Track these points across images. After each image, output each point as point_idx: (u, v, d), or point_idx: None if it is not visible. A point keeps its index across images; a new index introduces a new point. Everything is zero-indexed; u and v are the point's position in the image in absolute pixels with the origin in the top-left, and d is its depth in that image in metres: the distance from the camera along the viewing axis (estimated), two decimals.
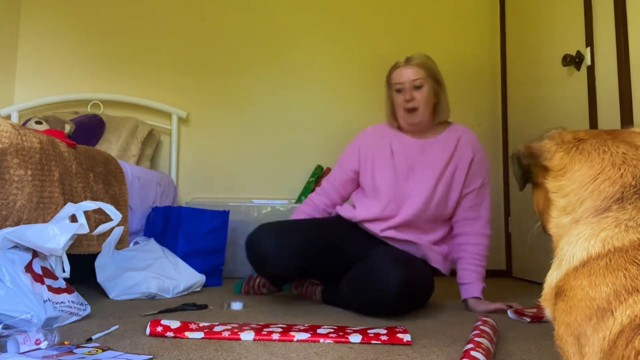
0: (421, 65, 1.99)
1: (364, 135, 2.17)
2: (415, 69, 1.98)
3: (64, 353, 1.20)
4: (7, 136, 1.67)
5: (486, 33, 3.43)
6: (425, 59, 2.03)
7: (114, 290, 2.11)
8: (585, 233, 0.79)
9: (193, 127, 3.43)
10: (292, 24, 3.47)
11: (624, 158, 0.83)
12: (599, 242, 0.77)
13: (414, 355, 1.28)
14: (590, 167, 0.84)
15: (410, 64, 2.00)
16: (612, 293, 0.71)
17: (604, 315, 0.71)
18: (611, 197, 0.80)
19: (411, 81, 1.98)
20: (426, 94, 1.99)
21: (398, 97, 2.01)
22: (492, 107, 3.40)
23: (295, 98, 3.42)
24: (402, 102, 1.99)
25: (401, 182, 2.01)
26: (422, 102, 1.98)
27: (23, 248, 1.52)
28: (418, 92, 1.98)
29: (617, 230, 0.76)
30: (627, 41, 1.98)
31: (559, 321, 0.78)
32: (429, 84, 1.99)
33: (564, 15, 2.49)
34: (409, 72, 1.99)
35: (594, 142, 0.87)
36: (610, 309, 0.70)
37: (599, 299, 0.72)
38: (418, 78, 1.98)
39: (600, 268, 0.74)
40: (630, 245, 0.73)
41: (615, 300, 0.70)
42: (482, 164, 2.05)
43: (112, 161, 2.39)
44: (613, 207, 0.79)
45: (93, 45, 3.44)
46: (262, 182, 3.36)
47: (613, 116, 2.04)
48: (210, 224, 2.67)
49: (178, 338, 1.41)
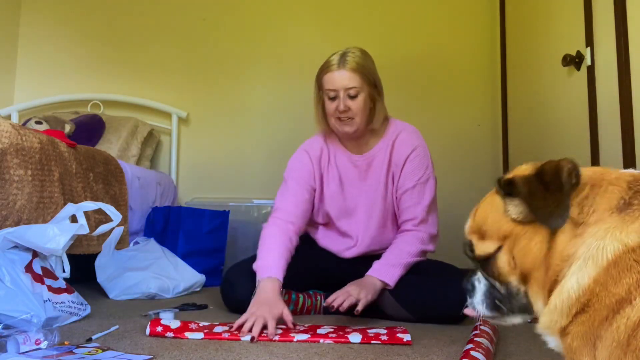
0: (357, 70, 1.75)
1: (311, 150, 1.93)
2: (350, 75, 1.74)
3: (64, 353, 1.20)
4: (7, 136, 1.67)
5: (486, 33, 3.43)
6: (361, 59, 1.78)
7: (114, 290, 2.11)
8: (610, 225, 0.74)
9: (193, 127, 3.43)
10: (292, 24, 3.47)
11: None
12: (632, 233, 0.71)
13: (414, 356, 1.28)
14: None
15: (344, 68, 1.75)
16: (634, 283, 0.68)
17: (622, 306, 0.68)
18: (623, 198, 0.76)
19: (345, 89, 1.75)
20: (362, 104, 1.77)
21: (330, 104, 1.79)
22: (492, 107, 3.40)
23: (295, 98, 3.42)
24: (334, 111, 1.79)
25: (350, 214, 1.91)
26: (357, 112, 1.77)
27: (23, 248, 1.52)
28: (353, 101, 1.76)
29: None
30: (627, 41, 1.98)
31: (573, 335, 0.73)
32: (365, 91, 1.78)
33: (564, 15, 2.49)
34: (343, 78, 1.75)
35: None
36: (630, 298, 0.68)
37: (620, 292, 0.69)
38: (353, 87, 1.75)
39: (632, 261, 0.70)
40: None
41: (636, 289, 0.67)
42: (417, 161, 1.85)
43: (112, 161, 2.39)
44: (634, 202, 0.75)
45: (93, 45, 3.44)
46: (262, 182, 3.35)
47: (613, 116, 2.04)
48: (210, 224, 2.67)
49: (178, 338, 1.41)
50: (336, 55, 1.80)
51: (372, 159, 1.89)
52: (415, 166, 1.85)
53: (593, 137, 2.20)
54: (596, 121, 2.19)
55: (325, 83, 1.79)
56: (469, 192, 3.27)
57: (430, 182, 1.86)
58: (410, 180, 1.84)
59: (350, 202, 1.91)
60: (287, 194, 1.87)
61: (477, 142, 3.38)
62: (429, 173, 1.87)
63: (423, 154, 1.87)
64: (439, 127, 3.28)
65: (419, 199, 1.84)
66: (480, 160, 3.37)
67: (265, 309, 1.49)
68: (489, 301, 0.89)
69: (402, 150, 1.86)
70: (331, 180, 1.91)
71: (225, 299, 1.86)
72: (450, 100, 3.40)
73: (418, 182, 1.84)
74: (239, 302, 1.79)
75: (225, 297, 1.86)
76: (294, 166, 1.93)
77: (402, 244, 1.81)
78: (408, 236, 1.83)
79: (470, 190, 3.28)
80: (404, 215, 1.86)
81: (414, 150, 1.85)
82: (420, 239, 1.82)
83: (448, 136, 3.30)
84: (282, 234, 1.77)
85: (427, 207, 1.83)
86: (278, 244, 1.73)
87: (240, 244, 2.99)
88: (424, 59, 3.37)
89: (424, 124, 2.18)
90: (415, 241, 1.81)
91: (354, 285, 1.69)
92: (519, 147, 3.11)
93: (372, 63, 1.83)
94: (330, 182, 1.91)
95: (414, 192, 1.84)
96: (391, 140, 1.88)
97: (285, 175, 1.93)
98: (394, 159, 1.87)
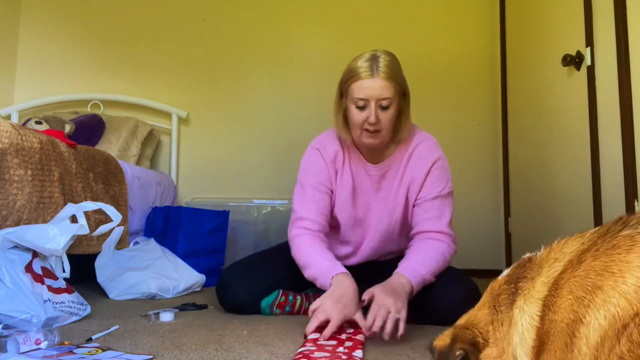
0: (391, 78, 1.60)
1: (325, 153, 1.79)
2: (383, 84, 1.59)
3: (64, 353, 1.20)
4: (7, 136, 1.67)
5: (486, 33, 3.43)
6: (394, 64, 1.64)
7: (114, 290, 2.11)
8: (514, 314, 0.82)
9: (193, 127, 3.43)
10: (292, 24, 3.47)
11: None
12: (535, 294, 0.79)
13: (414, 356, 1.28)
14: None
15: (377, 75, 1.59)
16: (574, 302, 0.71)
17: (575, 328, 0.70)
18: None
19: (377, 100, 1.59)
20: (392, 115, 1.64)
21: (358, 114, 1.62)
22: (492, 107, 3.40)
23: (295, 98, 3.42)
24: (362, 122, 1.63)
25: (357, 224, 1.83)
26: (386, 125, 1.64)
27: (23, 248, 1.52)
28: (384, 113, 1.62)
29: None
30: (627, 41, 1.98)
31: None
32: (397, 101, 1.64)
33: (564, 15, 2.49)
34: (376, 87, 1.58)
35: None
36: (578, 318, 0.69)
37: (564, 316, 0.72)
38: (387, 97, 1.59)
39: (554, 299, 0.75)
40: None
41: (579, 307, 0.70)
42: (437, 173, 1.75)
43: (112, 161, 2.39)
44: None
45: (93, 45, 3.44)
46: (262, 182, 3.36)
47: (613, 116, 2.04)
48: (210, 224, 2.67)
49: (179, 338, 1.41)
50: (364, 59, 1.63)
51: (386, 170, 1.79)
52: (435, 179, 1.74)
53: (593, 137, 2.20)
54: (596, 121, 2.19)
55: (354, 91, 1.61)
56: (469, 192, 3.28)
57: (450, 198, 1.77)
58: (430, 191, 1.73)
59: (360, 211, 1.82)
60: (308, 201, 1.75)
61: (477, 142, 3.39)
62: (450, 186, 1.77)
63: (443, 166, 1.77)
64: (439, 127, 3.27)
65: (439, 212, 1.73)
66: (480, 160, 3.37)
67: (337, 307, 1.41)
68: None
69: (422, 164, 1.75)
70: (345, 187, 1.80)
71: (220, 299, 1.85)
72: (450, 100, 3.40)
73: (439, 194, 1.73)
74: (234, 302, 1.81)
75: (221, 298, 1.85)
76: (309, 169, 1.79)
77: (431, 251, 1.66)
78: (437, 244, 1.68)
79: (470, 190, 3.29)
80: (425, 226, 1.71)
81: (435, 163, 1.75)
82: (448, 253, 1.70)
83: (448, 136, 3.29)
84: (320, 241, 1.68)
85: (449, 223, 1.73)
86: (323, 248, 1.66)
87: (240, 244, 3.00)
88: (423, 58, 3.37)
89: (424, 124, 2.17)
90: (444, 250, 1.69)
91: (384, 293, 1.47)
92: (519, 147, 3.12)
93: (400, 68, 1.68)
94: (343, 189, 1.80)
95: (435, 203, 1.73)
96: (408, 152, 1.76)
97: (300, 177, 1.81)
98: (411, 172, 1.75)
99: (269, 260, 1.89)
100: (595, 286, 0.69)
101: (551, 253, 0.83)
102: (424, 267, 1.59)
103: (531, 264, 0.85)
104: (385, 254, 1.88)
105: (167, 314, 1.69)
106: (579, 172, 2.32)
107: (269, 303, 1.80)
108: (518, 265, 0.88)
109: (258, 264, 1.88)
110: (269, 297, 1.80)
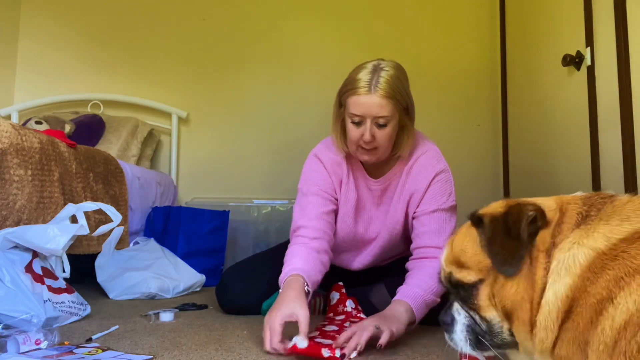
0: (389, 97, 1.50)
1: (328, 164, 1.71)
2: (381, 103, 1.50)
3: (64, 353, 1.20)
4: (7, 136, 1.67)
5: (486, 33, 3.43)
6: (395, 80, 1.52)
7: (114, 290, 2.11)
8: (574, 239, 0.78)
9: (193, 127, 3.43)
10: (292, 25, 3.47)
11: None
12: (599, 238, 0.75)
13: (414, 356, 1.28)
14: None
15: (375, 93, 1.49)
16: (612, 279, 0.69)
17: (604, 307, 0.68)
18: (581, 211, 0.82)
19: (374, 118, 1.51)
20: (390, 133, 1.56)
21: (354, 130, 1.55)
22: (492, 107, 3.40)
23: (295, 98, 3.42)
24: (358, 138, 1.56)
25: (358, 238, 1.78)
26: (383, 143, 1.56)
27: (23, 248, 1.52)
28: (380, 131, 1.54)
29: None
30: (627, 41, 1.98)
31: (561, 344, 0.73)
32: (395, 119, 1.55)
33: (564, 15, 2.49)
34: (372, 105, 1.50)
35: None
36: (610, 297, 0.68)
37: (599, 292, 0.69)
38: (383, 116, 1.51)
39: (605, 262, 0.72)
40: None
41: (615, 286, 0.68)
42: (438, 186, 1.67)
43: (112, 161, 2.39)
44: (591, 214, 0.80)
45: (93, 45, 3.43)
46: (262, 182, 3.36)
47: (613, 116, 2.04)
48: (210, 224, 2.67)
49: (179, 338, 1.41)
50: (366, 71, 1.53)
51: (387, 185, 1.73)
52: (436, 192, 1.66)
53: (593, 137, 2.20)
54: (596, 121, 2.19)
55: (350, 106, 1.53)
56: (469, 192, 3.27)
57: (452, 213, 1.67)
58: (430, 205, 1.65)
59: (360, 226, 1.76)
60: (308, 208, 1.65)
61: (477, 142, 3.39)
62: (452, 200, 1.67)
63: (446, 179, 1.68)
64: (439, 127, 3.28)
65: (438, 226, 1.63)
66: (480, 160, 3.37)
67: (272, 313, 1.32)
68: (471, 337, 0.85)
69: (422, 177, 1.67)
70: (349, 200, 1.72)
71: (219, 300, 1.86)
72: (450, 100, 3.40)
73: (439, 208, 1.64)
74: (233, 303, 1.81)
75: (220, 299, 1.86)
76: (311, 177, 1.71)
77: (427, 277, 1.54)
78: (435, 263, 1.53)
79: (470, 191, 3.28)
80: (423, 241, 1.62)
81: (437, 175, 1.66)
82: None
83: (448, 136, 3.30)
84: (308, 249, 1.56)
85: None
86: (302, 251, 1.54)
87: (240, 244, 3.00)
88: (423, 59, 3.37)
89: (424, 125, 2.17)
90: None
91: (373, 318, 1.39)
92: (519, 147, 3.12)
93: (406, 80, 1.59)
94: (347, 201, 1.73)
95: (433, 217, 1.64)
96: (409, 165, 1.69)
97: (301, 187, 1.72)
98: (411, 186, 1.68)
99: (268, 262, 1.88)
100: (637, 270, 0.68)
101: (630, 204, 0.78)
102: (422, 289, 1.49)
103: (611, 202, 0.80)
104: (386, 259, 1.87)
105: (167, 314, 1.69)
106: (579, 172, 2.32)
107: (270, 305, 1.78)
108: (598, 194, 0.83)
109: (257, 266, 1.88)
110: (269, 299, 1.78)
